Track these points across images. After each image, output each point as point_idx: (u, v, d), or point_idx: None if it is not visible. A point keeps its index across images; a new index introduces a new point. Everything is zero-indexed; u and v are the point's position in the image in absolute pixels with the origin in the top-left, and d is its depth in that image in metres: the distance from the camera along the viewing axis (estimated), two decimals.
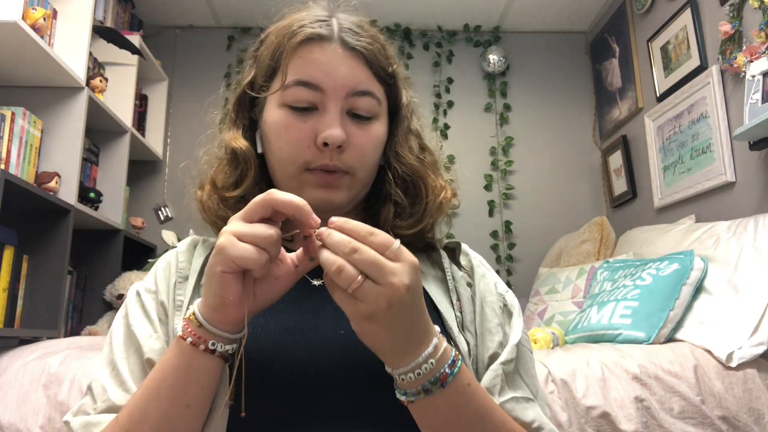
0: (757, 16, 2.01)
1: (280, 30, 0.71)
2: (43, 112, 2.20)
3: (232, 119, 0.75)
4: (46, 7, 2.06)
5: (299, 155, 0.68)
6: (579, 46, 3.50)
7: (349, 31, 0.70)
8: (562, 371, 1.50)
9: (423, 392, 0.55)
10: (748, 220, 1.89)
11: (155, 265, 0.75)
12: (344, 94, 0.67)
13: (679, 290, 1.79)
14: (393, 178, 0.74)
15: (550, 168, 3.34)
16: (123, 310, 0.72)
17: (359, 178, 0.70)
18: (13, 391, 1.41)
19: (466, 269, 0.76)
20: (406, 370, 0.54)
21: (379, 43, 0.72)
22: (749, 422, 1.46)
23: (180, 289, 0.70)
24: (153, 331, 0.67)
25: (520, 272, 3.20)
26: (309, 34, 0.68)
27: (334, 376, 0.62)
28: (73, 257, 2.41)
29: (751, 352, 1.54)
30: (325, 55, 0.68)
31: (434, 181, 0.75)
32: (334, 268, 0.50)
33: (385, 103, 0.73)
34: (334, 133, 0.66)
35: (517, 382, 0.68)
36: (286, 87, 0.68)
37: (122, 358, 0.66)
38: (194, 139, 0.79)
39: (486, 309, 0.72)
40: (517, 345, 0.69)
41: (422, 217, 0.73)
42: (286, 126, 0.68)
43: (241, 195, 0.71)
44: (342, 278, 0.50)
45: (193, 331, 0.56)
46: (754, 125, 1.84)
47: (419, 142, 0.78)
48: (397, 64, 0.75)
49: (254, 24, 3.34)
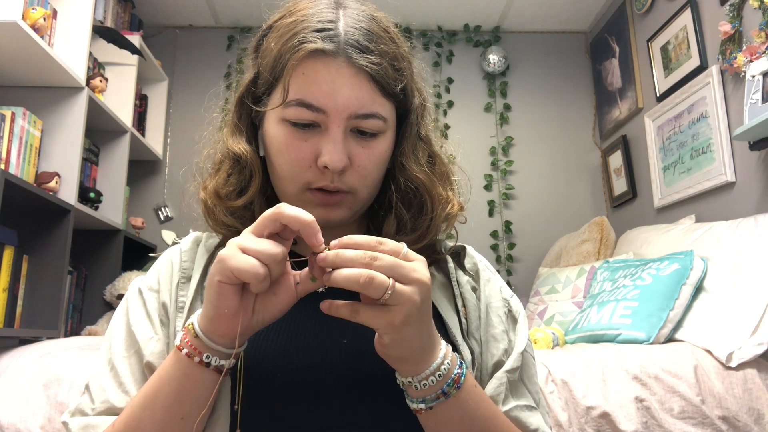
0: (757, 16, 2.00)
1: (282, 35, 0.65)
2: (43, 112, 2.20)
3: (234, 123, 0.72)
4: (46, 7, 2.06)
5: (299, 175, 0.65)
6: (579, 46, 3.50)
7: (356, 45, 0.63)
8: (562, 371, 1.50)
9: (442, 396, 0.54)
10: (748, 220, 1.89)
11: (157, 262, 0.73)
12: (347, 116, 0.63)
13: (679, 290, 1.80)
14: (396, 191, 0.70)
15: (550, 168, 3.34)
16: (123, 305, 0.70)
17: (361, 198, 0.68)
18: (13, 391, 1.41)
19: (471, 273, 0.74)
20: (428, 373, 0.53)
21: (389, 56, 0.65)
22: (749, 422, 1.46)
23: (182, 290, 0.68)
24: (154, 332, 0.66)
25: (520, 272, 3.20)
26: (311, 50, 0.62)
27: (336, 385, 0.61)
28: (73, 257, 2.41)
29: (751, 352, 1.54)
30: (328, 73, 0.63)
31: (441, 194, 0.71)
32: (363, 280, 0.49)
33: (393, 116, 0.68)
34: (335, 159, 0.62)
35: (520, 390, 0.67)
36: (288, 105, 0.64)
37: (122, 357, 0.65)
38: (194, 139, 0.77)
39: (491, 315, 0.70)
40: (522, 353, 0.68)
41: (426, 233, 0.70)
42: (287, 144, 0.65)
43: (246, 203, 0.69)
44: (374, 287, 0.49)
45: (190, 341, 0.55)
46: (754, 125, 1.84)
47: (429, 149, 0.73)
48: (409, 70, 0.70)
49: (254, 24, 3.33)
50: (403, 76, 0.67)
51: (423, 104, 0.74)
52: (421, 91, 0.74)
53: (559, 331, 1.93)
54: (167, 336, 0.66)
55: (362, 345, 0.62)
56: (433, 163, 0.73)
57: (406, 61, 0.69)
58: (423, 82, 0.75)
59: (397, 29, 0.70)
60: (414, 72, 0.72)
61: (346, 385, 0.61)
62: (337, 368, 0.61)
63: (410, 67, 0.71)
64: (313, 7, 0.66)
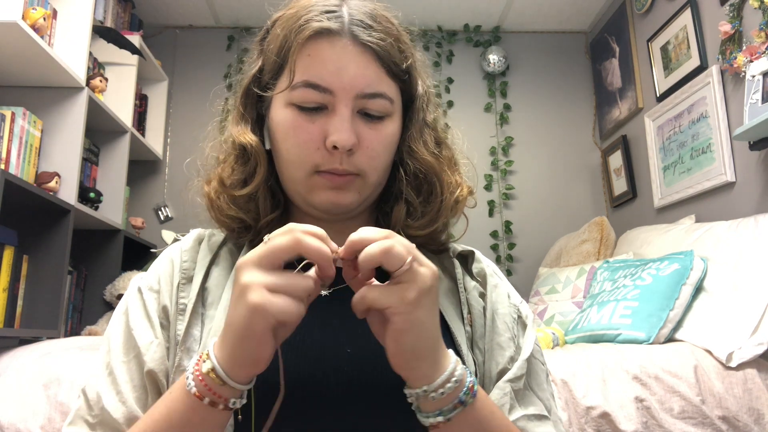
0: (757, 16, 2.00)
1: (287, 21, 0.66)
2: (43, 112, 2.20)
3: (240, 113, 0.71)
4: (46, 7, 2.06)
5: (308, 157, 0.64)
6: (579, 46, 3.50)
7: (361, 24, 0.64)
8: (562, 371, 1.50)
9: (460, 405, 0.52)
10: (748, 220, 1.89)
11: (158, 261, 0.71)
12: (354, 95, 0.63)
13: (679, 290, 1.79)
14: (405, 175, 0.69)
15: (550, 168, 3.34)
16: (123, 305, 0.68)
17: (371, 181, 0.67)
18: (13, 391, 1.41)
19: (478, 278, 0.72)
20: (443, 379, 0.51)
21: (392, 36, 0.66)
22: (749, 422, 1.46)
23: (183, 292, 0.66)
24: (154, 336, 0.64)
25: (520, 272, 3.20)
26: (317, 29, 0.63)
27: (340, 394, 0.59)
28: (73, 257, 2.41)
29: (751, 352, 1.54)
30: (334, 52, 0.63)
31: (450, 178, 0.71)
32: (382, 248, 0.48)
33: (398, 99, 0.68)
34: (343, 137, 0.62)
35: (528, 398, 0.64)
36: (294, 87, 0.63)
37: (120, 362, 0.63)
38: (194, 139, 0.76)
39: (497, 322, 0.68)
40: (528, 359, 0.66)
41: (436, 217, 0.70)
42: (294, 127, 0.64)
43: (251, 193, 0.68)
44: (393, 255, 0.48)
45: (213, 390, 0.50)
46: (754, 125, 1.84)
47: (435, 135, 0.73)
48: (412, 56, 0.69)
49: (254, 24, 3.33)
50: (407, 57, 0.67)
51: (427, 93, 0.73)
52: (425, 81, 0.73)
53: (559, 331, 1.93)
54: (167, 339, 0.64)
55: (367, 354, 0.60)
56: (440, 148, 0.73)
57: (410, 47, 0.69)
58: (426, 74, 0.74)
59: (399, 24, 0.70)
60: (417, 63, 0.71)
61: (351, 394, 0.59)
62: (341, 377, 0.60)
63: (414, 56, 0.70)
64: None
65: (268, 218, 0.69)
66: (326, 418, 0.59)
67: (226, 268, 0.68)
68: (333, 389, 0.59)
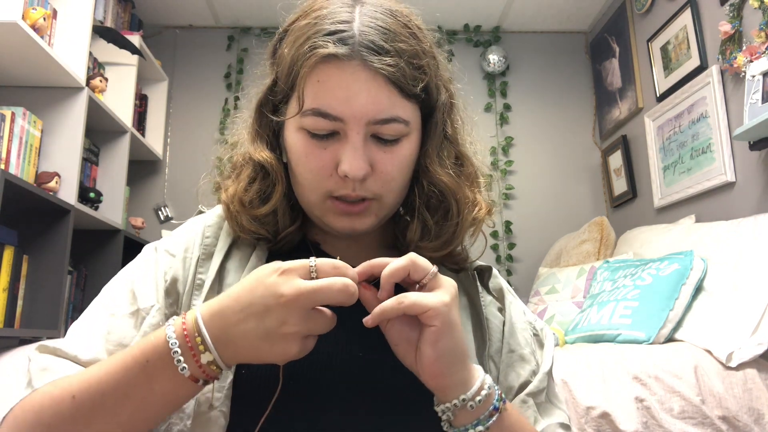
0: (757, 16, 2.00)
1: (296, 40, 0.62)
2: (43, 112, 2.20)
3: (255, 129, 0.69)
4: (46, 7, 2.06)
5: (320, 183, 0.63)
6: (579, 46, 3.50)
7: (372, 45, 0.60)
8: (562, 371, 1.50)
9: (495, 412, 0.53)
10: (748, 220, 1.89)
11: (181, 230, 0.70)
12: (366, 122, 0.60)
13: (679, 290, 1.79)
14: (419, 195, 0.67)
15: (550, 168, 3.34)
16: (136, 260, 0.68)
17: (387, 202, 0.65)
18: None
19: (494, 293, 0.72)
20: (478, 386, 0.53)
21: (408, 53, 0.62)
22: (749, 422, 1.46)
23: (202, 267, 0.65)
24: (156, 299, 0.62)
25: (520, 272, 3.20)
26: (324, 55, 0.59)
27: (352, 398, 0.59)
28: (73, 257, 2.40)
29: (751, 352, 1.53)
30: (343, 78, 0.59)
31: (468, 196, 0.68)
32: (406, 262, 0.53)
33: (416, 116, 0.65)
34: (354, 167, 0.60)
35: (550, 410, 0.65)
36: (304, 114, 0.61)
37: (117, 316, 0.62)
38: (194, 139, 0.76)
39: (518, 335, 0.68)
40: (547, 373, 0.67)
41: (452, 239, 0.67)
42: (306, 153, 0.63)
43: (271, 210, 0.67)
44: (418, 267, 0.53)
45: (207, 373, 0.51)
46: (754, 125, 1.84)
47: (455, 150, 0.69)
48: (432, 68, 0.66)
49: (254, 24, 3.33)
50: (424, 74, 0.64)
51: (450, 101, 0.70)
52: (447, 86, 0.71)
53: (559, 331, 1.93)
54: (168, 306, 0.63)
55: (378, 358, 0.60)
56: (460, 164, 0.70)
57: (428, 57, 0.65)
58: (449, 79, 0.72)
59: (420, 22, 0.68)
60: (440, 67, 0.69)
61: (363, 397, 0.59)
62: (353, 380, 0.60)
63: (434, 63, 0.67)
64: (329, 6, 0.63)
65: (287, 231, 0.69)
66: (336, 421, 0.58)
67: (245, 251, 0.68)
68: (345, 392, 0.59)
